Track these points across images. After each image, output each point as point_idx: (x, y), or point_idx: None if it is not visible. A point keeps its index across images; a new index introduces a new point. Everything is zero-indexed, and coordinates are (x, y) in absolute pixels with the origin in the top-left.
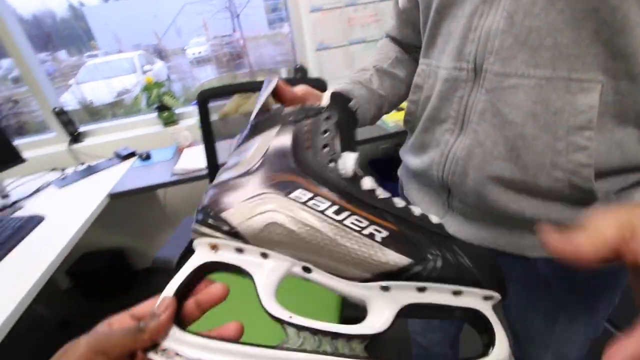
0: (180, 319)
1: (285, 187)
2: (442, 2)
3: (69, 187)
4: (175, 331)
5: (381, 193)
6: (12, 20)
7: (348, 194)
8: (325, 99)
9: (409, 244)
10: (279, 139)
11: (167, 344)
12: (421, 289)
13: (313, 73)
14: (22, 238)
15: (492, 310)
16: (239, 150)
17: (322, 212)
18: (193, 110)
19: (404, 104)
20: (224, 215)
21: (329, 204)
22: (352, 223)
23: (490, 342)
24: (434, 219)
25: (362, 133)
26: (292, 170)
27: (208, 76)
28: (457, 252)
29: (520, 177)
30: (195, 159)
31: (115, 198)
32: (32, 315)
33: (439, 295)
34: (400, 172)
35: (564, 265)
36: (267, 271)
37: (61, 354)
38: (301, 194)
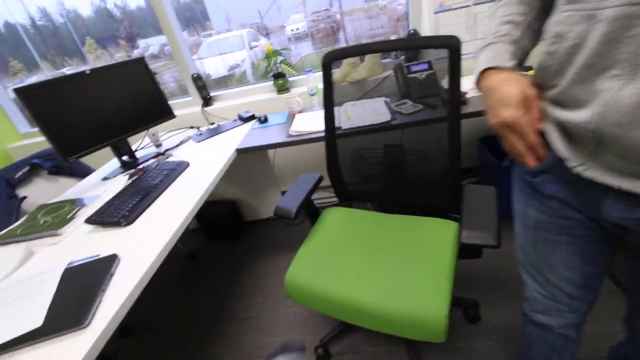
0: None
1: None
2: None
3: (203, 142)
4: None
5: None
6: (167, 2)
7: None
8: None
9: None
10: None
11: None
12: None
13: None
14: (175, 178)
15: None
16: None
17: None
18: (303, 79)
19: None
20: None
21: None
22: None
23: None
24: None
25: (474, 105)
26: None
27: (304, 52)
28: None
29: None
30: (306, 123)
31: (242, 153)
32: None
33: None
34: None
35: None
36: None
37: None
38: None
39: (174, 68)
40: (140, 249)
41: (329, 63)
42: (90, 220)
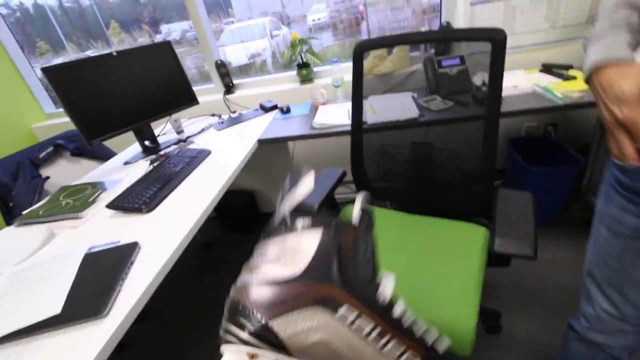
0: None
1: (331, 304)
2: None
3: (225, 130)
4: None
5: (406, 317)
6: None
7: (387, 317)
8: (356, 209)
9: None
10: (324, 247)
11: None
12: None
13: None
14: (197, 165)
15: None
16: (280, 240)
17: (367, 335)
18: (327, 70)
19: None
20: (272, 324)
21: (372, 326)
22: (391, 349)
23: None
24: (444, 344)
25: (518, 104)
26: (338, 283)
27: (325, 43)
28: None
29: None
30: (330, 116)
31: (263, 144)
32: None
33: None
34: None
35: None
36: None
37: None
38: (347, 312)
39: (195, 54)
40: (161, 238)
41: (360, 53)
42: (111, 205)
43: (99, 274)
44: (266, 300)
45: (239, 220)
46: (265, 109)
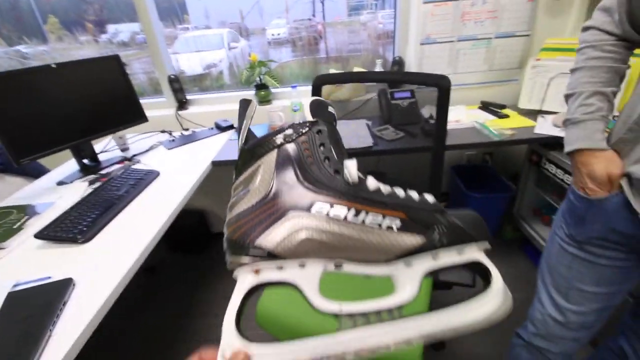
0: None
1: (305, 204)
2: None
3: (176, 149)
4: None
5: (385, 189)
6: None
7: (360, 197)
8: (307, 109)
9: (418, 225)
10: (282, 163)
11: None
12: (435, 257)
13: (411, 67)
14: (143, 188)
15: (486, 256)
16: (242, 179)
17: (344, 219)
18: (286, 92)
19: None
20: (259, 242)
21: (346, 209)
22: (371, 221)
23: (489, 280)
24: (430, 198)
25: (460, 138)
26: (305, 188)
27: (283, 58)
28: (454, 220)
29: None
30: None
31: (217, 166)
32: None
33: (448, 257)
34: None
35: None
36: (307, 278)
37: None
38: (321, 207)
39: (145, 59)
40: (99, 273)
41: (319, 86)
42: (41, 235)
43: (25, 318)
44: (248, 227)
45: (189, 241)
46: (221, 129)
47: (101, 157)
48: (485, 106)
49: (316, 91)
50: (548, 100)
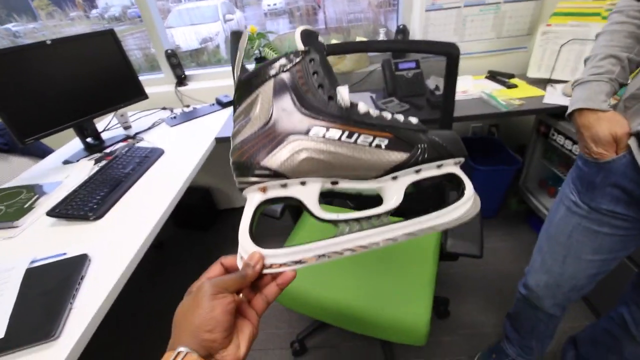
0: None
1: (304, 129)
2: None
3: (178, 126)
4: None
5: (373, 112)
6: None
7: (352, 120)
8: (297, 40)
9: (403, 144)
10: (279, 91)
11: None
12: (417, 171)
13: (415, 36)
14: (149, 167)
15: (460, 169)
16: (242, 109)
17: (338, 139)
18: None
19: None
20: (264, 163)
21: (340, 132)
22: (363, 141)
23: (462, 190)
24: (414, 120)
25: (467, 109)
26: (303, 114)
27: (280, 30)
28: (434, 138)
29: None
30: None
31: (220, 142)
32: None
33: (429, 171)
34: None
35: None
36: (309, 193)
37: (195, 293)
38: (318, 130)
39: (138, 34)
40: (113, 248)
41: None
42: (53, 213)
43: (46, 291)
44: (254, 151)
45: (194, 218)
46: (222, 104)
47: (104, 136)
48: (493, 76)
49: None
50: (558, 68)
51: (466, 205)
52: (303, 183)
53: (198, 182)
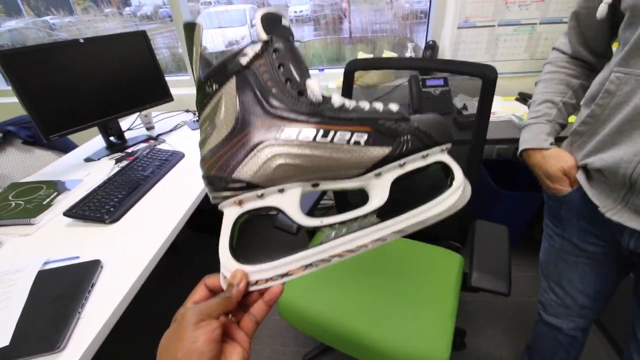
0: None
1: (274, 132)
2: None
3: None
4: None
5: (349, 104)
6: None
7: (326, 116)
8: (258, 27)
9: (384, 137)
10: (243, 91)
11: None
12: (402, 164)
13: (445, 53)
14: (168, 170)
15: (448, 155)
16: (207, 114)
17: (313, 139)
18: (312, 74)
19: None
20: (235, 176)
21: (314, 131)
22: (340, 139)
23: (452, 177)
24: (394, 107)
25: (495, 132)
26: (271, 115)
27: (305, 37)
28: (417, 127)
29: None
30: None
31: None
32: None
33: (414, 163)
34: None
35: None
36: (289, 201)
37: (178, 322)
38: (290, 132)
39: (167, 34)
40: (127, 254)
41: (351, 71)
42: (69, 213)
43: (55, 298)
44: (223, 162)
45: (211, 222)
46: None
47: (127, 135)
48: (524, 98)
49: (348, 77)
50: None
51: (455, 195)
52: (281, 190)
53: None
